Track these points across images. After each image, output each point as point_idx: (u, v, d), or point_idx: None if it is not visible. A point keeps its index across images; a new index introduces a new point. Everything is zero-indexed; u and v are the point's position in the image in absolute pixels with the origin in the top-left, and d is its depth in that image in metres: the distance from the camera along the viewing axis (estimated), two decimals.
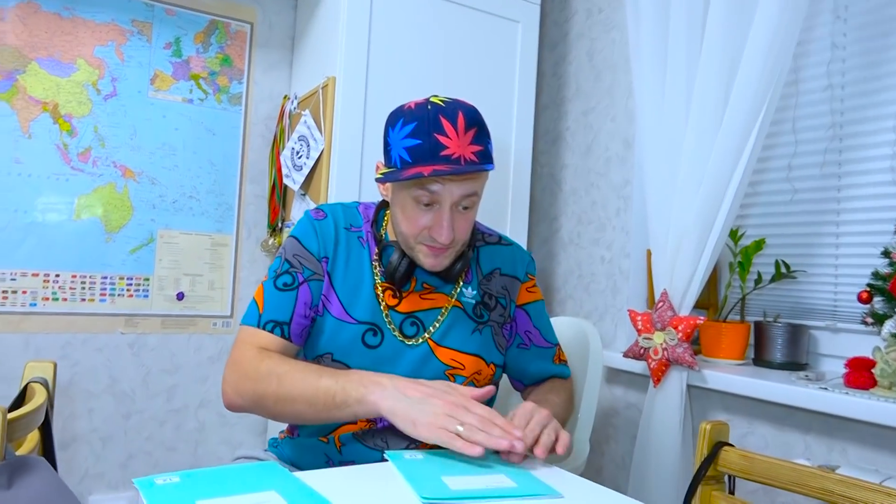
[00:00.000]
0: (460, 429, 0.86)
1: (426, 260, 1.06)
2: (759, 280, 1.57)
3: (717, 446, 0.97)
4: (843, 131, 1.52)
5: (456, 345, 1.12)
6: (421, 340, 1.11)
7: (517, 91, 1.99)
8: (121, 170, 1.91)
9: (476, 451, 0.84)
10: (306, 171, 1.82)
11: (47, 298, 1.83)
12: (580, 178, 2.10)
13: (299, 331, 1.08)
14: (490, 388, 0.96)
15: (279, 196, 2.02)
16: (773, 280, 1.54)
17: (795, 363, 1.51)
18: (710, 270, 1.51)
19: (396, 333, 1.10)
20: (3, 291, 1.78)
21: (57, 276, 1.84)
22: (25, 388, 1.21)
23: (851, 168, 1.50)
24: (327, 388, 0.94)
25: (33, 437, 1.20)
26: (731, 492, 0.98)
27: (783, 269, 1.53)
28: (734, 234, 1.58)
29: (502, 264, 1.21)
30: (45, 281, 1.83)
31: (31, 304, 1.82)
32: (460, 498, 0.77)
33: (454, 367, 1.12)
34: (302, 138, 1.85)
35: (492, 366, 1.16)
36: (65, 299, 1.85)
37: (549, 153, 2.24)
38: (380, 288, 1.11)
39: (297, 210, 1.88)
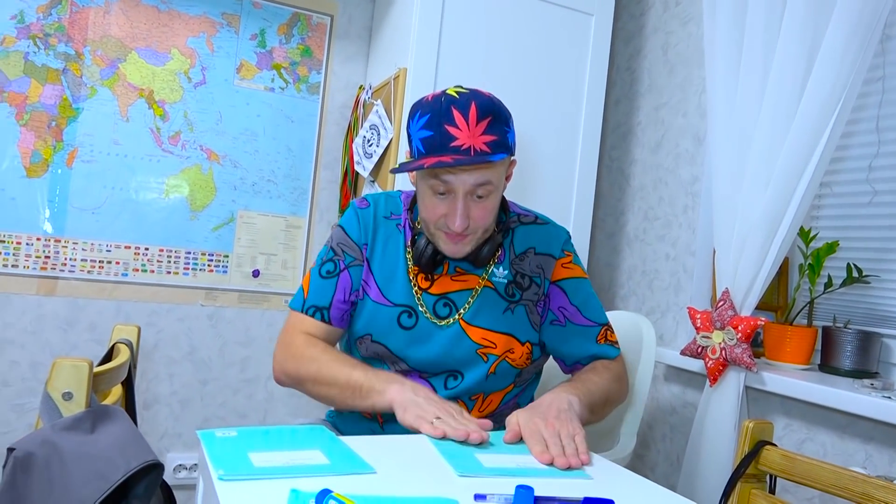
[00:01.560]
0: (435, 421, 0.93)
1: (445, 247, 1.11)
2: (829, 284, 1.52)
3: (759, 445, 0.97)
4: None
5: (487, 324, 1.16)
6: (452, 321, 1.15)
7: (587, 85, 1.98)
8: (206, 153, 2.04)
9: (437, 432, 0.92)
10: (376, 158, 1.89)
11: (137, 269, 1.99)
12: (649, 173, 2.07)
13: (339, 315, 1.17)
14: (487, 422, 0.99)
15: (350, 182, 2.10)
16: (843, 284, 1.49)
17: (864, 371, 1.45)
18: (774, 271, 1.47)
19: (429, 315, 1.15)
20: (100, 262, 1.95)
21: (146, 249, 2.00)
22: (112, 347, 1.34)
23: None
24: (357, 379, 1.05)
25: (117, 391, 1.33)
26: (772, 491, 0.97)
27: (855, 274, 1.47)
28: (805, 235, 1.53)
29: (537, 243, 1.22)
30: (135, 253, 1.99)
31: (122, 274, 1.98)
32: (493, 474, 0.81)
33: (485, 346, 1.15)
34: (373, 127, 1.92)
35: (527, 344, 1.18)
36: (152, 271, 2.01)
37: (619, 148, 2.22)
38: (412, 272, 1.17)
39: None
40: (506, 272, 1.19)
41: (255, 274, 2.13)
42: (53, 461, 0.91)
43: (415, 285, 1.17)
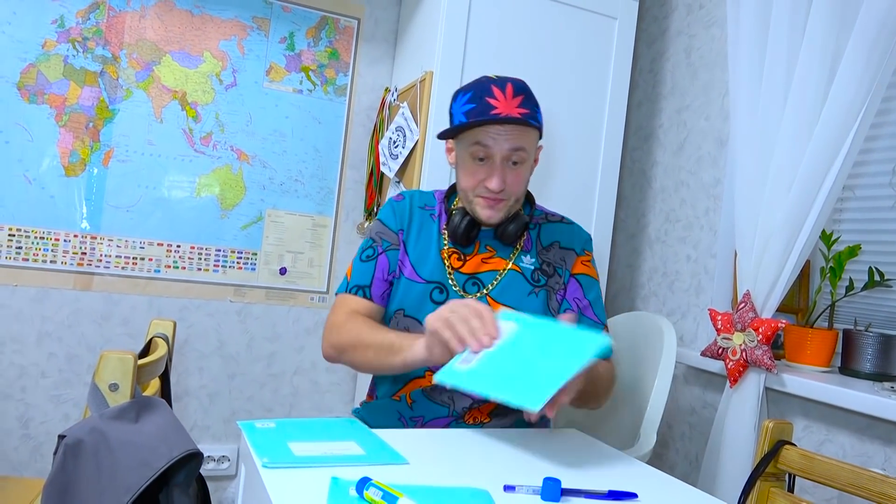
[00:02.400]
0: (450, 315, 0.98)
1: (483, 212, 1.22)
2: (850, 287, 1.53)
3: (779, 444, 0.99)
4: None
5: (511, 303, 1.25)
6: (479, 295, 1.25)
7: (610, 87, 2.01)
8: (237, 153, 2.10)
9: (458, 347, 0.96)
10: (401, 159, 1.93)
11: (169, 266, 2.05)
12: (670, 175, 2.09)
13: (380, 293, 1.28)
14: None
15: (376, 182, 2.14)
16: (865, 287, 1.50)
17: (885, 375, 1.46)
18: (795, 273, 1.49)
19: (459, 291, 1.25)
20: (134, 258, 2.01)
21: (178, 246, 2.06)
22: (150, 341, 1.39)
23: None
24: (390, 340, 1.12)
25: (154, 384, 1.38)
26: (791, 490, 1.00)
27: (877, 277, 1.48)
28: (827, 239, 1.55)
29: (561, 238, 1.34)
30: (167, 250, 2.05)
31: (155, 271, 2.04)
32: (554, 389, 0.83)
33: None
34: (399, 129, 1.96)
35: None
36: (183, 268, 2.07)
37: (641, 150, 2.24)
38: (446, 252, 1.28)
39: (392, 196, 2.00)
40: (533, 260, 1.30)
41: (283, 272, 2.18)
42: (101, 448, 0.96)
43: (448, 265, 1.27)
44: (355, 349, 1.17)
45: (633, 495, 0.77)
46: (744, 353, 1.50)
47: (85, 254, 1.96)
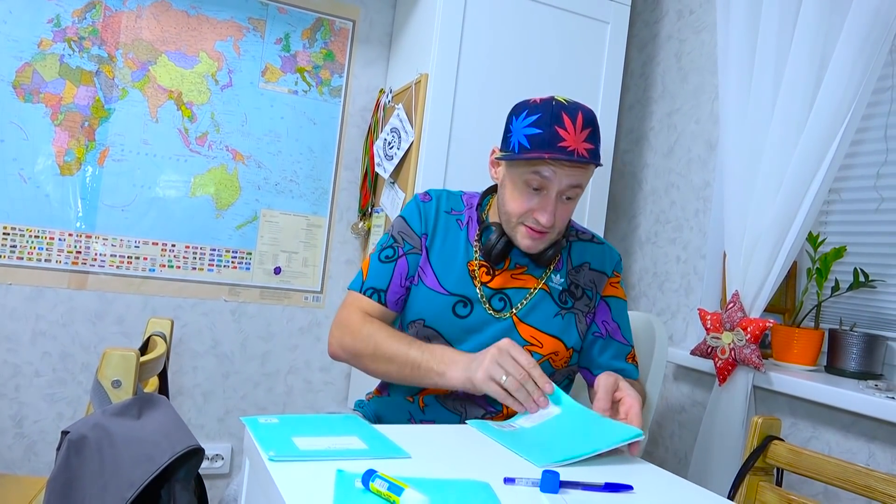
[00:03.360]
0: (504, 379, 1.00)
1: (524, 241, 1.18)
2: (836, 287, 1.57)
3: (767, 439, 1.02)
4: None
5: (538, 324, 1.23)
6: (506, 315, 1.23)
7: (602, 90, 2.04)
8: (232, 153, 2.11)
9: (518, 408, 1.01)
10: (396, 160, 1.95)
11: (164, 265, 2.06)
12: (661, 178, 2.13)
13: (395, 299, 1.24)
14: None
15: (370, 183, 2.16)
16: (850, 288, 1.54)
17: (869, 373, 1.50)
18: (783, 274, 1.52)
19: (486, 307, 1.22)
20: (129, 257, 2.02)
21: (173, 245, 2.07)
22: (148, 339, 1.40)
23: None
24: (414, 357, 1.11)
25: (153, 382, 1.40)
26: (779, 484, 1.03)
27: (861, 278, 1.52)
28: (813, 240, 1.58)
29: (592, 259, 1.30)
30: (162, 250, 2.06)
31: (150, 270, 2.05)
32: (572, 458, 0.87)
33: (532, 344, 1.22)
34: (394, 130, 1.98)
35: (571, 350, 1.25)
36: (178, 267, 2.08)
37: (632, 152, 2.27)
38: (475, 264, 1.24)
39: (386, 197, 2.02)
40: (562, 280, 1.27)
41: (277, 271, 2.19)
42: (104, 444, 0.97)
43: (476, 278, 1.24)
44: (374, 360, 1.15)
45: (628, 487, 0.80)
46: (732, 352, 1.54)
47: (80, 253, 1.96)
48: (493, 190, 1.31)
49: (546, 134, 1.09)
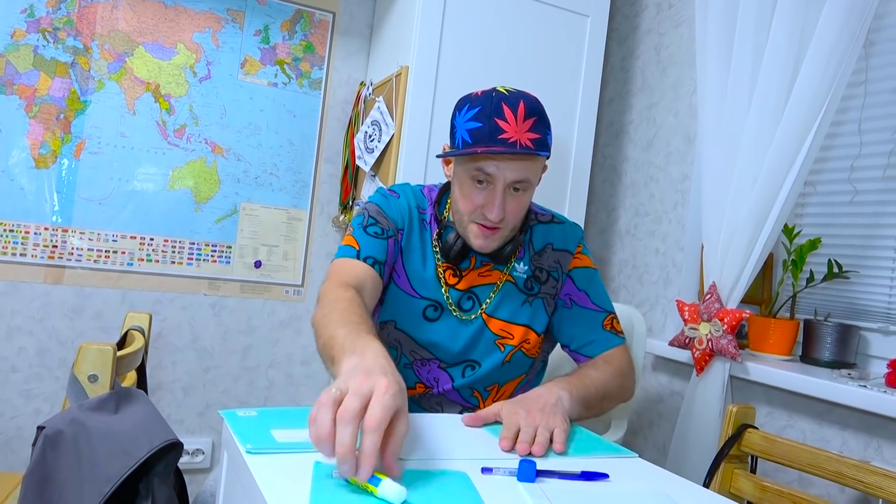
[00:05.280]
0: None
1: (476, 240, 1.14)
2: (811, 278, 1.59)
3: (742, 428, 1.04)
4: None
5: (506, 316, 1.22)
6: (475, 316, 1.21)
7: (583, 83, 2.05)
8: (211, 146, 2.09)
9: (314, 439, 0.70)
10: (377, 153, 1.94)
11: (142, 259, 2.04)
12: (640, 171, 2.14)
13: (387, 274, 1.18)
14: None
15: (351, 176, 2.15)
16: (825, 279, 1.56)
17: (843, 363, 1.53)
18: (759, 266, 1.55)
19: (454, 310, 1.20)
20: (106, 251, 2.00)
21: (151, 239, 2.05)
22: (126, 333, 1.39)
23: None
24: (336, 338, 0.89)
25: (132, 376, 1.38)
26: (753, 471, 1.05)
27: (836, 269, 1.55)
28: (789, 232, 1.61)
29: (554, 240, 1.27)
30: (140, 244, 2.04)
31: (128, 264, 2.03)
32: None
33: (503, 337, 1.22)
34: (375, 123, 1.97)
35: (542, 336, 1.25)
36: (157, 261, 2.06)
37: (612, 145, 2.29)
38: (441, 268, 1.21)
39: (368, 189, 2.02)
40: (525, 268, 1.24)
41: (257, 265, 2.18)
42: (81, 438, 0.96)
43: (443, 282, 1.21)
44: (317, 329, 0.99)
45: (604, 475, 0.81)
46: (710, 343, 1.56)
47: (56, 247, 1.94)
48: (450, 185, 1.25)
49: (486, 127, 1.06)
